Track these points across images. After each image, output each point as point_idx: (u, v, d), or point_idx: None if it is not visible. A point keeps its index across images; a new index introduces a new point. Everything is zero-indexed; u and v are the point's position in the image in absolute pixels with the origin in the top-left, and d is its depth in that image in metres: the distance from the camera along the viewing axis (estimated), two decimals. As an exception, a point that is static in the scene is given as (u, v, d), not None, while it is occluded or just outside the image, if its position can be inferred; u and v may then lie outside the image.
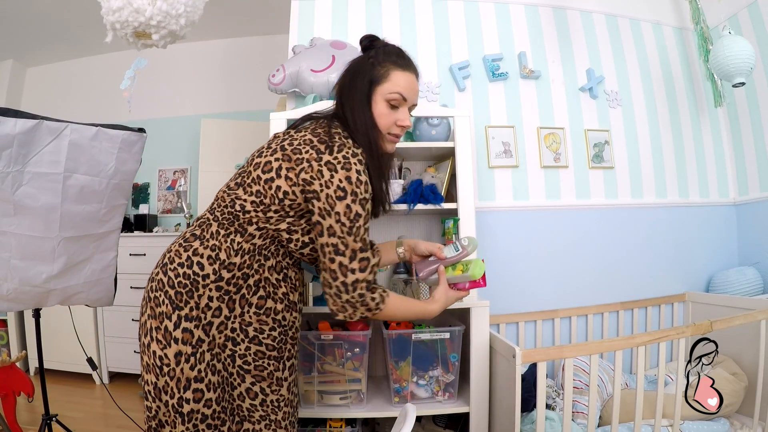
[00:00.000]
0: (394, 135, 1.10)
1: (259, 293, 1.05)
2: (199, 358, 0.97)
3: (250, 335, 1.05)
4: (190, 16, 1.47)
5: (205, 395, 0.98)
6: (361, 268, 0.99)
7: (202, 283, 0.99)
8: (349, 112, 1.07)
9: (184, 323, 0.97)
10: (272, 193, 1.01)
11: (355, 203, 0.97)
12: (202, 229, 1.05)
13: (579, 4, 2.30)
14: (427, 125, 1.86)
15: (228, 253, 1.01)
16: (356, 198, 0.97)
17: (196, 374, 0.96)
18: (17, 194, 1.41)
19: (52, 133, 1.45)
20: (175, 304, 0.98)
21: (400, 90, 1.06)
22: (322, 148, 0.98)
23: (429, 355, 1.60)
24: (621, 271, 2.20)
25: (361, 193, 0.97)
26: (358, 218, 0.97)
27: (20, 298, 1.55)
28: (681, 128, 2.39)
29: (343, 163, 0.97)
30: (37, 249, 1.51)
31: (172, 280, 0.99)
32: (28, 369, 3.07)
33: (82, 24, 3.08)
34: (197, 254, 1.00)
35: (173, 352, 0.96)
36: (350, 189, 0.96)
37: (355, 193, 0.96)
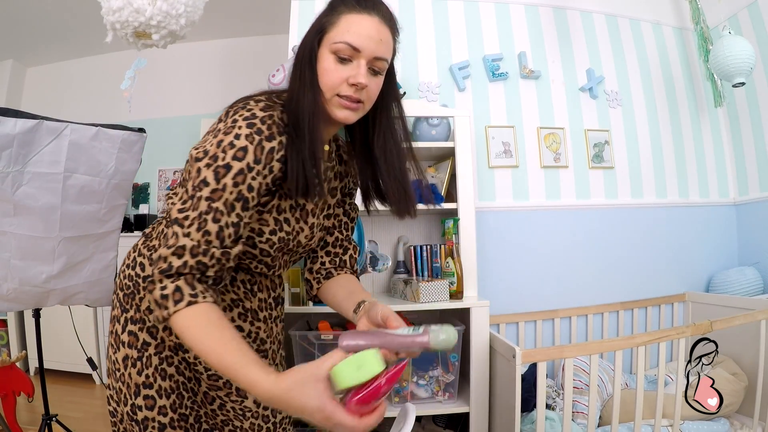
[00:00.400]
0: (345, 97, 0.80)
1: None
2: (146, 363, 0.88)
3: None
4: (190, 16, 1.47)
5: (157, 402, 0.88)
6: (168, 245, 0.71)
7: (142, 285, 0.90)
8: (291, 74, 0.84)
9: (129, 326, 0.90)
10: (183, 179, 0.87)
11: (209, 168, 0.72)
12: (152, 228, 0.96)
13: (579, 4, 2.30)
14: (427, 125, 1.86)
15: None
16: (213, 164, 0.72)
17: (144, 380, 0.88)
18: (17, 194, 1.41)
19: (52, 133, 1.45)
20: (123, 307, 0.91)
21: (348, 38, 0.78)
22: (223, 115, 0.80)
23: (429, 355, 1.60)
24: (621, 271, 2.20)
25: (224, 158, 0.72)
26: (202, 186, 0.72)
27: (20, 298, 1.55)
28: (681, 128, 2.39)
29: (227, 128, 0.75)
30: (37, 249, 1.51)
31: (122, 282, 0.93)
32: (28, 369, 3.07)
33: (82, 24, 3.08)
34: (141, 255, 0.92)
35: (121, 356, 0.89)
36: (212, 152, 0.73)
37: (214, 157, 0.73)
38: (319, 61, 0.81)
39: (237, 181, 0.73)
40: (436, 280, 1.63)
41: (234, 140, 0.73)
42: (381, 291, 2.00)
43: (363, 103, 0.83)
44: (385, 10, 0.83)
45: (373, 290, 2.01)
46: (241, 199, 0.74)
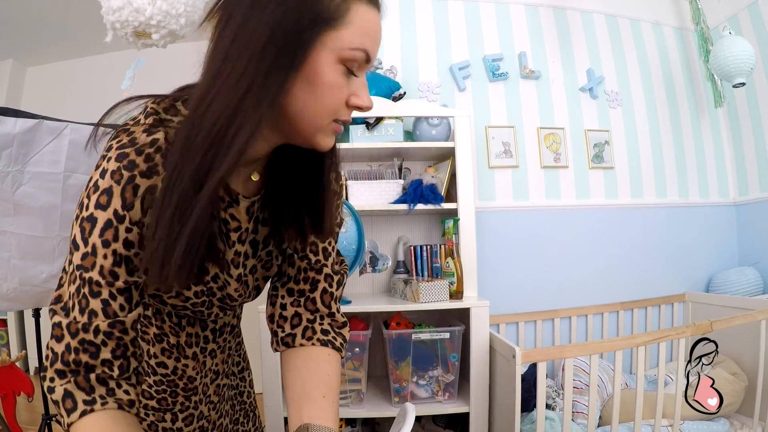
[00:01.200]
0: (341, 122, 0.57)
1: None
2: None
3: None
4: (190, 15, 1.47)
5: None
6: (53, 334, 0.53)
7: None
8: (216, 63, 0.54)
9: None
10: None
11: (77, 222, 0.53)
12: None
13: (579, 4, 2.30)
14: (427, 125, 1.86)
15: None
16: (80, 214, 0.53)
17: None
18: (17, 194, 1.41)
19: (52, 132, 1.45)
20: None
21: (366, 44, 0.53)
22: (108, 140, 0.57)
23: (429, 355, 1.60)
24: (621, 271, 2.20)
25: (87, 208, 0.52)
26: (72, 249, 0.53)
27: (20, 298, 1.55)
28: (681, 128, 2.39)
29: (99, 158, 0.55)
30: (38, 248, 1.51)
31: None
32: (28, 369, 3.07)
33: (82, 24, 3.08)
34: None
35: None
36: (81, 197, 0.53)
37: (81, 205, 0.53)
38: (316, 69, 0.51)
39: (107, 239, 0.51)
40: (436, 280, 1.63)
41: (98, 179, 0.52)
42: (381, 291, 2.00)
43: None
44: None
45: (373, 290, 2.01)
46: (122, 261, 0.52)
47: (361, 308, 1.61)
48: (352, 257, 1.57)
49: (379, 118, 1.79)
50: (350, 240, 1.52)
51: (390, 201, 1.80)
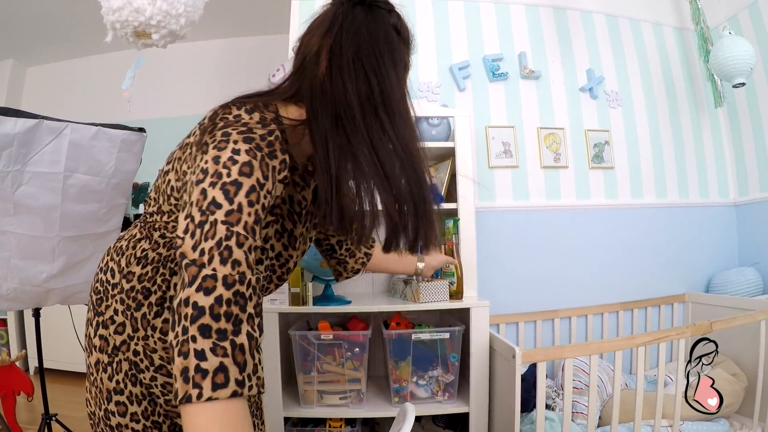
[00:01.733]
0: None
1: (163, 316, 0.82)
2: (116, 368, 0.84)
3: (155, 363, 0.84)
4: (190, 15, 1.47)
5: (129, 408, 0.83)
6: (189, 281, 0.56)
7: (110, 293, 0.85)
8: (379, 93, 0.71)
9: (101, 330, 0.85)
10: (163, 188, 0.81)
11: (215, 187, 0.60)
12: (128, 231, 0.91)
13: (579, 4, 2.30)
14: (427, 125, 1.86)
15: (128, 260, 0.84)
16: (218, 181, 0.61)
17: (115, 385, 0.83)
18: (17, 194, 1.41)
19: (52, 132, 1.45)
20: (95, 310, 0.87)
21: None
22: (207, 125, 0.71)
23: (429, 355, 1.60)
24: (621, 271, 2.20)
25: (228, 175, 0.61)
26: (213, 209, 0.59)
27: (20, 298, 1.55)
28: (681, 128, 2.39)
29: (218, 142, 0.65)
30: (37, 248, 1.51)
31: (95, 285, 0.90)
32: (28, 369, 3.07)
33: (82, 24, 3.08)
34: (113, 260, 0.87)
35: (94, 360, 0.86)
36: (213, 170, 0.62)
37: (218, 174, 0.61)
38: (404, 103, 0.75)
39: (251, 200, 0.61)
40: (436, 280, 1.63)
41: (234, 156, 0.62)
42: (381, 291, 2.00)
43: None
44: None
45: (373, 290, 2.01)
46: (258, 221, 0.62)
47: (361, 308, 1.61)
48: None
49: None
50: (350, 240, 1.52)
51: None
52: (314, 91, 0.72)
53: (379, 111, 0.70)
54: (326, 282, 1.65)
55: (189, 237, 0.59)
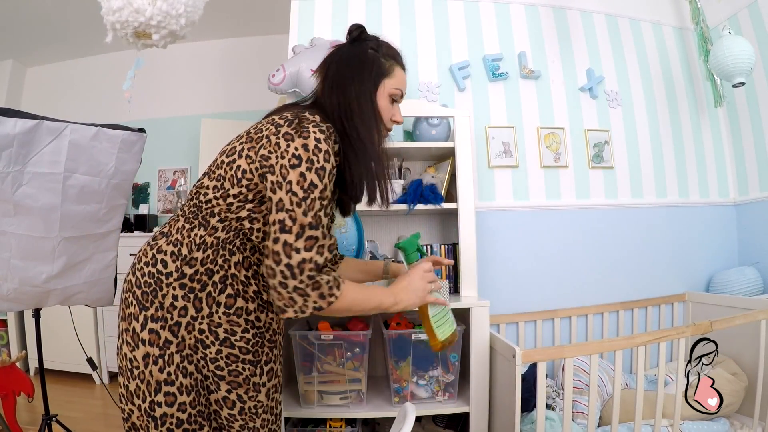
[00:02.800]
0: (388, 130, 1.08)
1: (227, 291, 0.97)
2: (168, 360, 0.92)
3: (220, 337, 0.96)
4: (190, 16, 1.47)
5: (177, 399, 0.92)
6: (307, 247, 0.85)
7: (165, 282, 0.94)
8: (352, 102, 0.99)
9: (150, 324, 0.93)
10: (231, 174, 0.94)
11: (311, 171, 0.86)
12: (170, 225, 1.01)
13: (579, 4, 2.30)
14: (427, 125, 1.86)
15: (189, 247, 0.95)
16: (312, 166, 0.86)
17: (166, 377, 0.92)
18: (17, 194, 1.41)
19: (52, 133, 1.45)
20: (141, 305, 0.94)
21: (402, 88, 1.07)
22: (281, 122, 0.92)
23: (429, 355, 1.60)
24: (621, 271, 2.20)
25: (319, 161, 0.87)
26: (312, 189, 0.86)
27: (20, 298, 1.55)
28: (681, 128, 2.39)
29: (301, 132, 0.88)
30: (37, 249, 1.51)
31: (139, 280, 0.96)
32: (28, 369, 3.07)
33: (82, 24, 3.08)
34: (161, 251, 0.96)
35: (141, 354, 0.92)
36: (306, 156, 0.86)
37: (311, 160, 0.86)
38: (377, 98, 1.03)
39: (330, 180, 0.90)
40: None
41: (318, 144, 0.87)
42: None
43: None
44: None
45: (373, 290, 2.01)
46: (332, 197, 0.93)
47: (361, 308, 1.61)
48: (352, 257, 1.57)
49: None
50: (350, 240, 1.52)
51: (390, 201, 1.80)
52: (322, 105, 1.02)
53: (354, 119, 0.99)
54: (326, 282, 1.65)
55: (296, 207, 0.86)
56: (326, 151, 0.88)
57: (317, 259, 0.86)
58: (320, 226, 0.87)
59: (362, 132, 0.98)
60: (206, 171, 1.01)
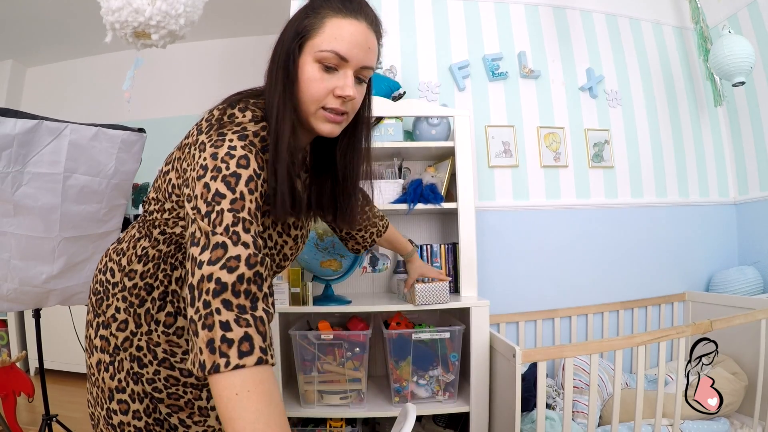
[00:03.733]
0: (330, 110, 0.77)
1: (166, 309, 0.87)
2: (118, 367, 0.86)
3: (159, 357, 0.86)
4: (189, 16, 1.47)
5: (131, 406, 0.85)
6: (212, 259, 0.61)
7: (111, 292, 0.88)
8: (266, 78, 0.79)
9: (101, 331, 0.88)
10: (165, 187, 0.84)
11: (216, 180, 0.67)
12: (126, 231, 0.94)
13: (579, 4, 2.30)
14: (427, 125, 1.86)
15: (130, 259, 0.87)
16: (218, 174, 0.67)
17: (117, 384, 0.86)
18: (17, 194, 1.41)
19: (52, 133, 1.45)
20: (95, 312, 0.90)
21: (337, 46, 0.73)
22: (204, 126, 0.75)
23: (429, 355, 1.60)
24: (621, 270, 2.20)
25: (229, 168, 0.67)
26: (219, 199, 0.65)
27: (20, 299, 1.55)
28: (681, 128, 2.39)
29: (215, 141, 0.71)
30: (37, 249, 1.51)
31: (94, 287, 0.93)
32: (28, 369, 3.07)
33: (82, 24, 3.08)
34: (111, 260, 0.91)
35: (95, 361, 0.88)
36: (212, 165, 0.68)
37: (217, 168, 0.68)
38: (300, 69, 0.75)
39: (251, 188, 0.67)
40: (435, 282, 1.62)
41: (230, 151, 0.69)
42: (381, 291, 2.00)
43: (347, 114, 0.79)
44: (372, 13, 0.79)
45: (373, 290, 2.01)
46: (258, 208, 0.67)
47: (361, 308, 1.61)
48: (352, 257, 1.57)
49: (378, 118, 1.79)
50: (350, 240, 1.52)
51: (390, 201, 1.80)
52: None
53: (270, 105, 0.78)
54: (326, 282, 1.65)
55: (200, 220, 0.65)
56: (242, 157, 0.68)
57: (222, 276, 0.60)
58: (235, 241, 0.63)
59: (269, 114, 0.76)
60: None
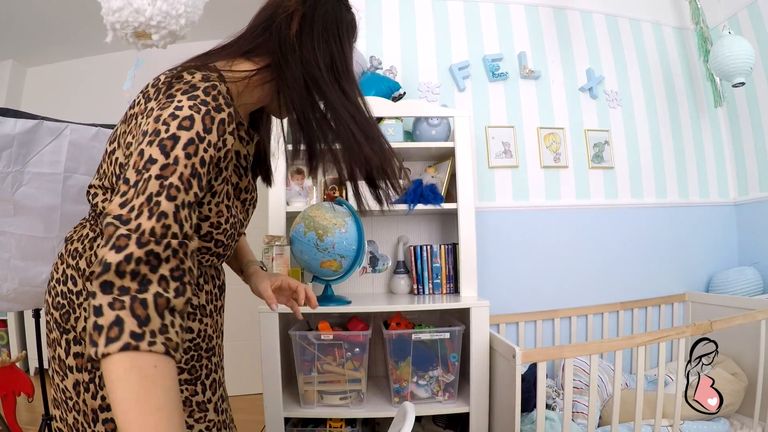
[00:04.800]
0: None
1: None
2: (99, 384, 0.78)
3: None
4: (190, 16, 1.47)
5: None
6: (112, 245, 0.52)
7: (77, 302, 0.79)
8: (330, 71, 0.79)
9: (74, 347, 0.78)
10: (111, 169, 0.75)
11: (152, 145, 0.58)
12: (75, 230, 0.85)
13: (579, 4, 2.30)
14: (427, 125, 1.86)
15: (89, 261, 0.79)
16: (155, 139, 0.59)
17: (100, 402, 0.78)
18: (17, 194, 1.41)
19: (52, 133, 1.44)
20: (62, 328, 0.80)
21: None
22: (151, 93, 0.70)
23: (429, 355, 1.60)
24: (621, 271, 2.20)
25: (167, 131, 0.59)
26: (148, 166, 0.57)
27: (20, 299, 1.55)
28: (681, 128, 2.39)
29: (160, 105, 0.63)
30: (38, 249, 1.50)
31: (54, 300, 0.81)
32: (28, 369, 3.07)
33: (82, 24, 3.08)
34: (69, 266, 0.81)
35: (71, 383, 0.79)
36: (152, 128, 0.60)
37: (156, 132, 0.60)
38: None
39: (189, 152, 0.59)
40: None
41: (175, 111, 0.61)
42: (381, 291, 2.00)
43: None
44: None
45: (373, 290, 2.01)
46: (196, 175, 0.59)
47: (361, 308, 1.61)
48: (352, 257, 1.57)
49: (379, 118, 1.79)
50: (350, 240, 1.52)
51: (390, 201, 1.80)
52: (283, 48, 0.77)
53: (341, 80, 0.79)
54: (326, 282, 1.65)
55: (118, 197, 0.56)
56: (187, 117, 0.61)
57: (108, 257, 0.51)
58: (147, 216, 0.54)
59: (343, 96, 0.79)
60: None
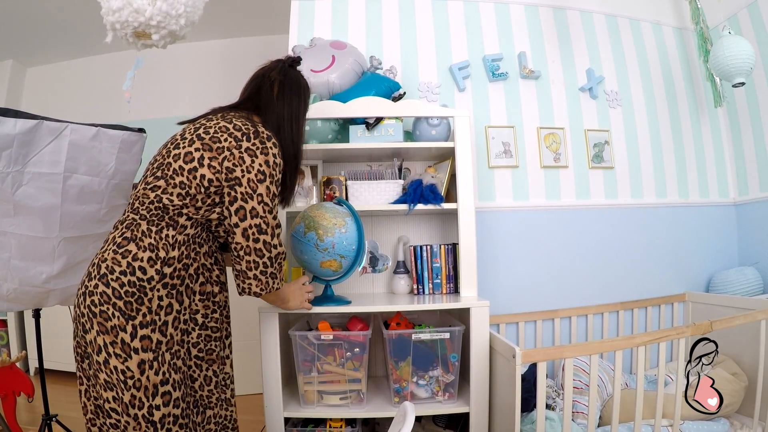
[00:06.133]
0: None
1: (199, 280, 1.13)
2: (161, 361, 1.00)
3: (199, 322, 1.13)
4: (190, 16, 1.47)
5: (172, 395, 1.00)
6: (280, 243, 1.11)
7: (149, 287, 1.00)
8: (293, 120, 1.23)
9: (141, 331, 0.98)
10: (197, 183, 1.06)
11: (273, 185, 1.09)
12: (132, 230, 1.04)
13: (579, 4, 2.30)
14: (427, 125, 1.86)
15: (166, 249, 1.04)
16: (274, 179, 1.09)
17: (162, 378, 0.99)
18: (17, 194, 1.41)
19: (52, 133, 1.45)
20: (126, 315, 0.97)
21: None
22: (240, 135, 1.08)
23: (429, 355, 1.60)
24: (621, 271, 2.20)
25: (277, 174, 1.11)
26: (275, 198, 1.10)
27: (20, 299, 1.55)
28: (681, 128, 2.39)
29: (261, 148, 1.08)
30: (37, 249, 1.51)
31: (118, 291, 0.98)
32: (28, 369, 3.07)
33: (82, 24, 3.08)
34: (137, 259, 1.01)
35: (136, 363, 0.96)
36: (269, 171, 1.08)
37: (272, 175, 1.09)
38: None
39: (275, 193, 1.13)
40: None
41: (275, 159, 1.10)
42: (381, 291, 2.00)
43: None
44: None
45: (373, 290, 2.01)
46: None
47: (361, 308, 1.61)
48: (352, 257, 1.57)
49: (378, 119, 1.79)
50: (350, 240, 1.52)
51: (390, 201, 1.80)
52: (268, 106, 1.22)
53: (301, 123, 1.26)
54: (326, 282, 1.65)
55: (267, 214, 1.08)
56: (280, 164, 1.13)
57: (283, 250, 1.13)
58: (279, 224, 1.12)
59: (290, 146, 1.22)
60: (158, 174, 1.08)
